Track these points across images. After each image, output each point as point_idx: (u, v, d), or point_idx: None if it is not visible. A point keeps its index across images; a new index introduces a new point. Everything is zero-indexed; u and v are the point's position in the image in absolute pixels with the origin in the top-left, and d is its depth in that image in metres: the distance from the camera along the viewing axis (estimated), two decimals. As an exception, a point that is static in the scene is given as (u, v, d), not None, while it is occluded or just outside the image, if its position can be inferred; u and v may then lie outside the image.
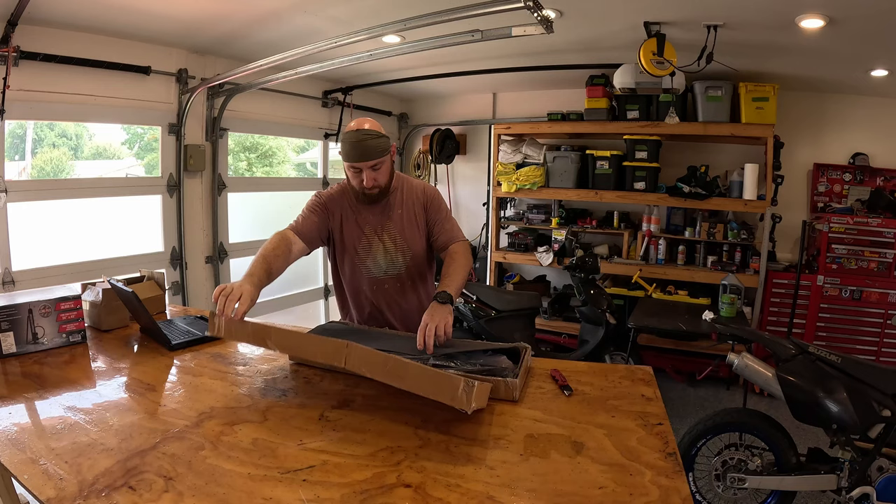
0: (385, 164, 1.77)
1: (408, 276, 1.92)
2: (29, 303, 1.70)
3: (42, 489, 1.01)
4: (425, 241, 1.94)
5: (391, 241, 1.88)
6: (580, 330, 3.87)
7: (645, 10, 2.80)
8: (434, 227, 1.92)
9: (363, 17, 2.78)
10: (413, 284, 1.95)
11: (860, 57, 3.21)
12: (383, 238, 1.88)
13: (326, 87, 4.63)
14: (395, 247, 1.89)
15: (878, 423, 1.94)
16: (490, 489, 1.03)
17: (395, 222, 1.89)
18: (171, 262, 3.60)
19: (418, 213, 1.91)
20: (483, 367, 1.49)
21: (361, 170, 1.74)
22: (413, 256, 1.91)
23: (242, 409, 1.35)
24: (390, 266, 1.90)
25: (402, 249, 1.89)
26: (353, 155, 1.72)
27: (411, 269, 1.92)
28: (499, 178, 4.63)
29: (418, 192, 1.94)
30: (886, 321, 3.67)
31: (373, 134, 1.72)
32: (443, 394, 1.11)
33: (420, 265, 1.94)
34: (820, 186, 4.22)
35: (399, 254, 1.89)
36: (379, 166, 1.75)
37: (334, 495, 1.01)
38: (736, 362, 2.25)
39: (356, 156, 1.71)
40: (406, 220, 1.90)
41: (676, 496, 1.00)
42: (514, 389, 1.38)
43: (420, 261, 1.94)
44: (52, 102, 2.90)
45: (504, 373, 1.45)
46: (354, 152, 1.71)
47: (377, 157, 1.73)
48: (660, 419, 1.30)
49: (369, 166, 1.73)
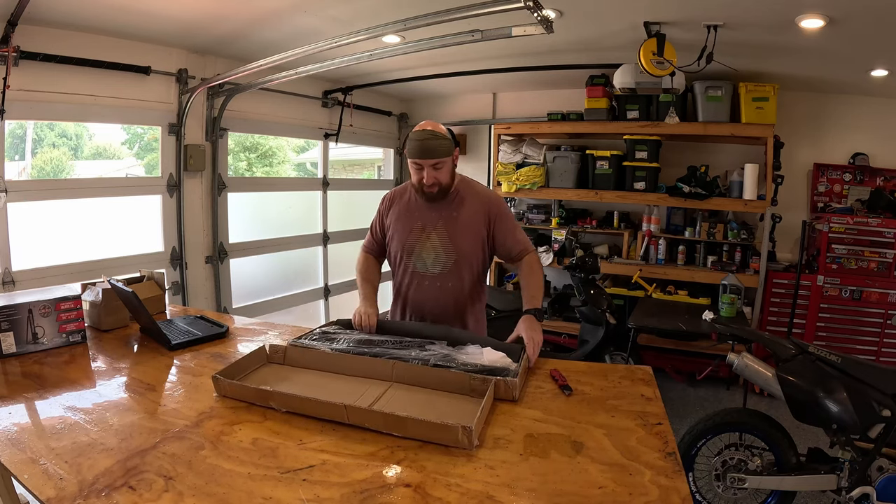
0: (447, 165, 1.85)
1: (451, 278, 1.93)
2: (29, 303, 1.70)
3: (42, 489, 1.01)
4: (480, 247, 1.94)
5: (439, 240, 1.92)
6: (580, 330, 3.87)
7: (645, 10, 2.80)
8: (506, 238, 1.95)
9: (363, 17, 2.78)
10: (455, 287, 1.93)
11: (860, 57, 3.21)
12: (431, 236, 1.92)
13: (326, 87, 4.63)
14: (442, 247, 1.91)
15: (878, 423, 1.94)
16: (490, 489, 1.03)
17: (449, 224, 1.92)
18: (171, 262, 3.60)
19: (478, 219, 1.93)
20: (484, 367, 1.49)
21: (423, 167, 1.82)
22: (459, 260, 1.91)
23: (242, 408, 1.35)
24: (434, 264, 1.93)
25: (448, 250, 1.91)
26: (417, 152, 1.81)
27: (456, 272, 1.92)
28: (499, 178, 4.63)
29: (482, 199, 1.96)
30: (886, 321, 3.67)
31: (438, 135, 1.81)
32: (445, 439, 1.17)
33: (467, 270, 1.94)
34: (820, 186, 4.22)
35: (444, 254, 1.91)
36: (441, 166, 1.82)
37: (334, 495, 1.01)
38: (736, 362, 2.25)
39: (420, 153, 1.80)
40: (461, 223, 1.92)
41: (676, 496, 1.00)
42: (514, 389, 1.39)
43: (468, 266, 1.93)
44: (52, 102, 2.89)
45: (504, 372, 1.46)
46: (419, 150, 1.80)
47: (439, 157, 1.81)
48: (659, 419, 1.30)
49: (431, 164, 1.81)
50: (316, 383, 1.50)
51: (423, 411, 1.26)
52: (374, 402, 1.37)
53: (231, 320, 2.15)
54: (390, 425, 1.21)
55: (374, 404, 1.35)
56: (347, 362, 1.57)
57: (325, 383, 1.50)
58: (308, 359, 1.61)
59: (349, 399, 1.33)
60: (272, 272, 4.44)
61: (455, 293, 1.94)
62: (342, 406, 1.25)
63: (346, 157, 5.93)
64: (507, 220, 1.97)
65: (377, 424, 1.23)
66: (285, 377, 1.54)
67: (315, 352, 1.62)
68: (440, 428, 1.16)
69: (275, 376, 1.54)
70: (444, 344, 1.68)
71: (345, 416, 1.25)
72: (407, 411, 1.23)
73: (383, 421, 1.22)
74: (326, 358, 1.59)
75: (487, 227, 1.94)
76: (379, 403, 1.36)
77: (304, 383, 1.50)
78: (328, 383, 1.50)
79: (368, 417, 1.23)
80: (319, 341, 1.71)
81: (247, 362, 1.56)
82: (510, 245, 1.96)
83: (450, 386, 1.44)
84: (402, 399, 1.41)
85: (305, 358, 1.61)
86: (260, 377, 1.53)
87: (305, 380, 1.53)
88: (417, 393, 1.45)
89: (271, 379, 1.52)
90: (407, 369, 1.50)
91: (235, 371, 1.50)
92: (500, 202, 2.01)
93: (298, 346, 1.66)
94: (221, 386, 1.41)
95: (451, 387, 1.44)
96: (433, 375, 1.47)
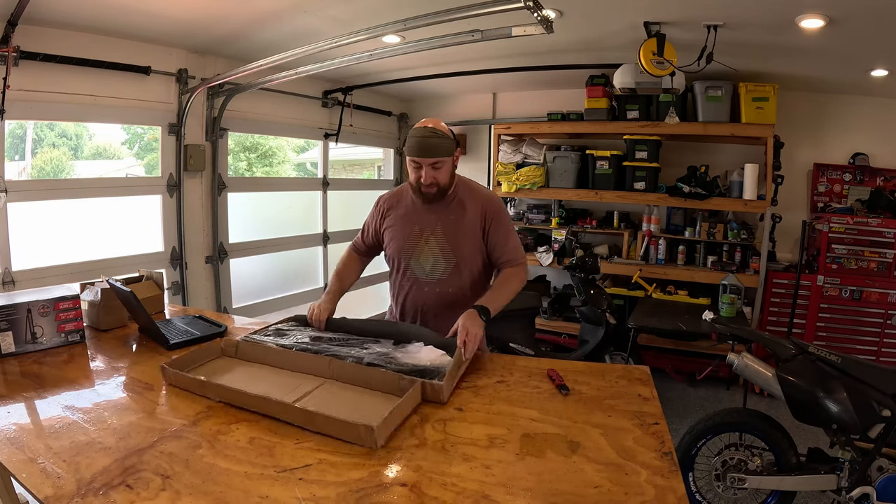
0: (446, 165, 1.79)
1: (451, 283, 1.87)
2: (28, 302, 1.70)
3: (40, 488, 1.01)
4: (479, 250, 1.89)
5: (437, 244, 1.86)
6: (580, 330, 3.87)
7: (645, 10, 2.80)
8: (496, 244, 1.89)
9: (363, 17, 2.78)
10: (456, 292, 1.88)
11: (860, 57, 3.20)
12: (430, 240, 1.87)
13: (326, 87, 4.64)
14: (441, 252, 1.86)
15: (878, 423, 1.94)
16: (486, 488, 1.03)
17: (447, 227, 1.86)
18: (170, 262, 3.61)
19: (474, 220, 1.87)
20: (416, 367, 1.51)
21: (422, 166, 1.77)
22: (459, 264, 1.86)
23: (239, 408, 1.35)
24: (433, 269, 1.87)
25: (447, 256, 1.86)
26: (416, 150, 1.75)
27: (457, 277, 1.87)
28: (499, 178, 4.63)
29: (481, 199, 1.90)
30: (886, 321, 3.66)
31: (439, 133, 1.76)
32: (349, 436, 1.19)
33: (468, 274, 1.88)
34: (820, 186, 4.21)
35: (443, 259, 1.86)
36: (440, 166, 1.77)
37: (330, 494, 1.01)
38: (736, 362, 2.25)
39: (419, 151, 1.75)
40: (460, 225, 1.86)
41: (672, 496, 1.00)
42: (440, 392, 1.38)
43: (468, 269, 1.88)
44: (52, 102, 2.90)
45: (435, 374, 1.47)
46: (418, 148, 1.75)
47: (439, 156, 1.76)
48: (656, 419, 1.30)
49: (430, 164, 1.76)
50: (257, 376, 1.55)
51: (345, 409, 1.31)
52: (303, 396, 1.40)
53: (230, 320, 2.15)
54: (303, 420, 1.25)
55: (303, 399, 1.39)
56: (290, 358, 1.60)
57: (266, 377, 1.55)
58: (256, 353, 1.65)
59: (282, 392, 1.38)
60: (272, 272, 4.45)
61: (456, 298, 1.87)
62: (263, 398, 1.30)
63: (346, 157, 5.94)
64: (501, 224, 1.90)
65: (293, 418, 1.26)
66: (231, 370, 1.59)
67: (262, 347, 1.66)
68: (345, 425, 1.19)
69: (222, 369, 1.59)
70: (388, 343, 1.69)
71: (266, 407, 1.30)
72: (331, 408, 1.27)
73: (297, 415, 1.26)
74: (271, 353, 1.63)
75: (483, 227, 1.88)
76: (308, 398, 1.40)
77: (246, 376, 1.55)
78: (268, 377, 1.55)
79: (285, 411, 1.28)
80: (272, 337, 1.75)
81: (200, 354, 1.62)
82: (498, 251, 1.89)
83: (380, 385, 1.46)
84: (331, 396, 1.44)
85: (254, 353, 1.66)
86: (209, 369, 1.57)
87: (249, 373, 1.58)
88: (348, 391, 1.47)
89: (218, 371, 1.57)
90: (342, 367, 1.53)
91: (188, 362, 1.56)
92: (499, 203, 1.94)
93: (250, 341, 1.70)
94: (168, 375, 1.46)
95: (381, 386, 1.46)
96: (365, 374, 1.49)
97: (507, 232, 1.92)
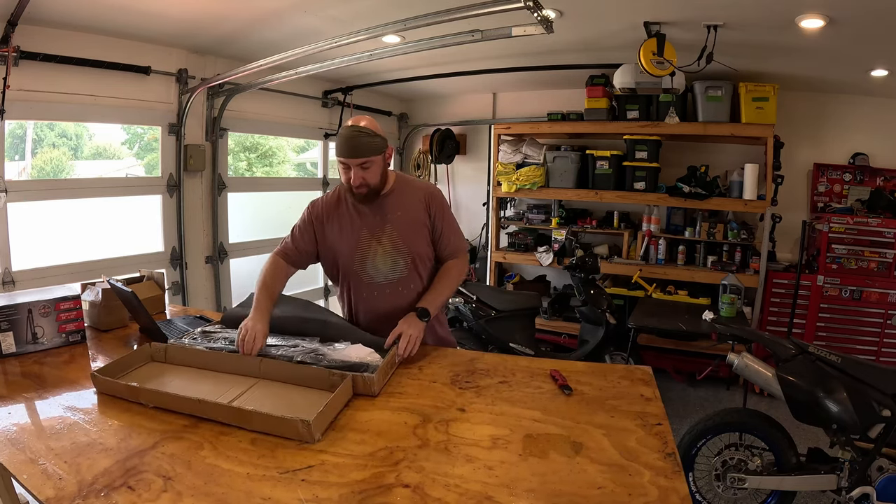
0: (376, 164, 1.73)
1: (411, 279, 1.85)
2: (28, 303, 1.70)
3: (41, 489, 1.01)
4: (428, 242, 1.88)
5: (391, 243, 1.82)
6: (580, 330, 3.87)
7: (645, 10, 2.80)
8: (439, 237, 1.88)
9: (363, 17, 2.77)
10: (416, 289, 1.86)
11: (860, 57, 3.20)
12: (382, 241, 1.82)
13: (326, 87, 4.64)
14: (396, 249, 1.82)
15: (878, 423, 1.94)
16: (489, 489, 1.03)
17: (395, 224, 1.83)
18: (171, 262, 3.60)
19: (420, 214, 1.85)
20: (345, 363, 1.52)
21: (350, 167, 1.71)
22: (415, 258, 1.84)
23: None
24: (392, 270, 1.83)
25: (402, 252, 1.83)
26: (343, 150, 1.70)
27: (414, 273, 1.85)
28: (499, 178, 4.63)
29: (421, 193, 1.88)
30: (886, 321, 3.66)
31: (366, 132, 1.70)
32: (288, 432, 1.21)
33: (423, 268, 1.88)
34: (820, 186, 4.21)
35: (400, 257, 1.83)
36: (368, 165, 1.71)
37: (332, 495, 1.01)
38: (736, 362, 2.25)
39: (346, 151, 1.70)
40: (406, 221, 1.84)
41: (675, 496, 1.00)
42: (372, 384, 1.41)
43: (424, 262, 1.87)
44: (52, 102, 2.89)
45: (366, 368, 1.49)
46: (345, 148, 1.70)
47: (367, 156, 1.69)
48: (659, 419, 1.30)
49: (358, 164, 1.70)
50: (190, 379, 1.54)
51: (281, 406, 1.33)
52: (237, 396, 1.41)
53: (231, 320, 2.15)
54: (239, 419, 1.26)
55: (238, 399, 1.39)
56: (220, 359, 1.60)
57: (198, 379, 1.54)
58: (186, 357, 1.64)
59: (216, 394, 1.39)
60: (272, 272, 4.43)
61: (416, 295, 1.85)
62: (197, 401, 1.29)
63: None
64: (445, 214, 1.89)
65: (228, 418, 1.27)
66: (162, 374, 1.58)
67: (192, 350, 1.64)
68: (282, 422, 1.20)
69: (154, 374, 1.58)
70: (315, 340, 1.69)
71: (200, 410, 1.29)
72: (267, 406, 1.29)
73: (232, 415, 1.27)
74: (201, 356, 1.62)
75: (430, 219, 1.86)
76: (242, 398, 1.40)
77: (178, 380, 1.54)
78: (201, 379, 1.54)
79: (221, 412, 1.28)
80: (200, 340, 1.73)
81: (130, 360, 1.60)
82: (444, 242, 1.89)
83: (311, 382, 1.47)
84: (265, 394, 1.44)
85: (184, 356, 1.64)
86: (140, 375, 1.56)
87: (181, 376, 1.57)
88: (280, 388, 1.48)
89: (150, 376, 1.55)
90: (272, 366, 1.53)
91: (117, 369, 1.53)
92: (439, 194, 1.92)
93: (178, 345, 1.68)
94: (99, 383, 1.44)
95: (312, 382, 1.47)
96: (296, 372, 1.50)
97: (451, 222, 1.92)
